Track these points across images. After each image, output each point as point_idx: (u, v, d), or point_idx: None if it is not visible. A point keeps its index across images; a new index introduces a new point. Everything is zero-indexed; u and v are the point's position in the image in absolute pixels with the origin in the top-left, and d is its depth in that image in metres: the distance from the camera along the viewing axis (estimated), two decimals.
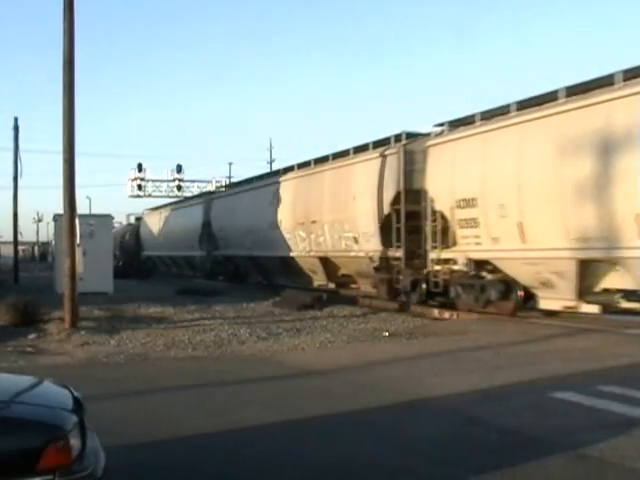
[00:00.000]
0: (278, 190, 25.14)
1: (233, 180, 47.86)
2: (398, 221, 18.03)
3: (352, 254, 20.45)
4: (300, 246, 23.44)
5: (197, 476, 5.33)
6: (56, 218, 22.01)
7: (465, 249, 15.95)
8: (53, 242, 34.43)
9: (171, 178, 50.97)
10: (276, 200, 25.01)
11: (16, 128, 32.05)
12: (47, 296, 18.27)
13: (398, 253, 18.15)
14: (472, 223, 15.52)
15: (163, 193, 51.27)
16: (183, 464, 5.51)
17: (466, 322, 14.99)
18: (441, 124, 17.55)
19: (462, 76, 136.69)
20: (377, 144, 19.99)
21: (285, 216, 24.38)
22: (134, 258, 44.87)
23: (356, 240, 20.00)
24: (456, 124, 16.96)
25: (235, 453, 5.82)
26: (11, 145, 31.81)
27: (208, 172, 59.52)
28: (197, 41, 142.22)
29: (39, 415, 3.65)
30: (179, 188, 50.89)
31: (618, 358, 9.81)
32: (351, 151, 21.39)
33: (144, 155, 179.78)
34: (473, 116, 16.23)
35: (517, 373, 8.94)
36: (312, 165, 23.73)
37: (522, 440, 6.04)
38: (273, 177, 27.40)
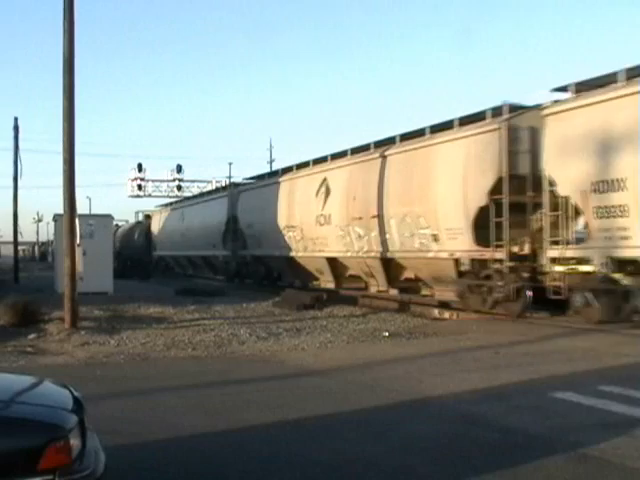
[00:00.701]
0: (326, 180, 21.61)
1: (233, 180, 47.31)
2: (498, 214, 14.71)
3: (430, 255, 17.02)
4: (355, 245, 20.06)
5: (197, 476, 5.33)
6: (56, 218, 22.01)
7: (604, 245, 12.74)
8: (52, 242, 34.57)
9: (171, 178, 51.05)
10: (324, 191, 21.54)
11: (16, 128, 32.09)
12: (47, 296, 18.26)
13: (499, 254, 14.84)
14: (617, 211, 12.31)
15: (163, 193, 51.37)
16: (183, 464, 5.50)
17: (466, 322, 14.99)
18: (562, 88, 14.23)
19: (462, 77, 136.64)
20: (466, 120, 16.59)
21: (335, 210, 20.90)
22: (144, 258, 42.08)
23: (436, 238, 16.69)
24: (588, 86, 13.59)
25: (235, 453, 5.81)
26: (11, 145, 31.89)
27: (208, 172, 59.59)
28: (197, 41, 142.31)
29: (39, 415, 3.64)
30: (179, 188, 50.95)
31: (618, 358, 9.82)
32: (427, 130, 17.76)
33: (144, 155, 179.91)
34: (615, 74, 12.92)
35: (517, 373, 8.94)
36: (371, 149, 20.03)
37: (522, 440, 6.03)
38: (318, 164, 23.17)
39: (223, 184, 48.49)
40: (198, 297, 20.63)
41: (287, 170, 25.82)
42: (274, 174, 27.47)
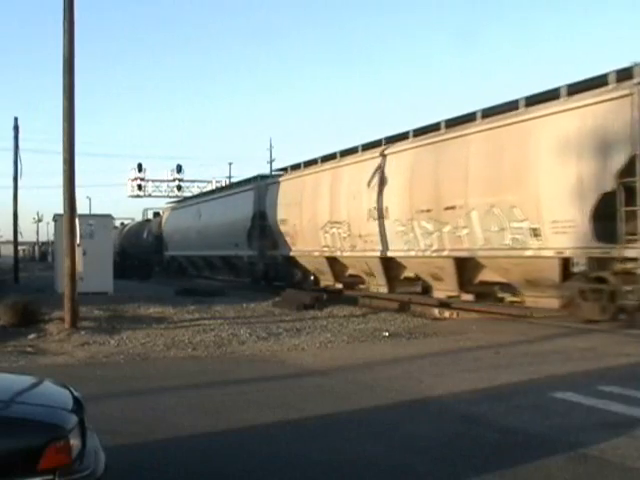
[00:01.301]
0: (382, 167, 18.37)
1: (234, 180, 46.70)
2: (629, 202, 12.01)
3: (527, 253, 14.15)
4: (421, 242, 16.95)
5: (197, 476, 5.33)
6: (56, 218, 22.00)
7: None
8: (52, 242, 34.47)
9: (171, 178, 51.12)
10: (378, 181, 18.37)
11: (16, 128, 32.10)
12: (47, 296, 18.27)
13: (632, 251, 12.02)
14: None
15: (163, 193, 51.46)
16: (183, 464, 5.50)
17: (466, 322, 14.99)
18: None
19: (461, 77, 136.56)
20: (577, 88, 13.43)
21: (394, 202, 17.76)
22: (154, 258, 39.90)
23: (536, 233, 13.85)
24: None
25: (235, 453, 5.81)
26: (11, 145, 31.90)
27: (208, 172, 59.70)
28: (198, 41, 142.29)
29: (39, 415, 3.65)
30: (179, 188, 51.06)
31: (618, 358, 9.80)
32: (521, 103, 14.62)
33: (144, 155, 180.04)
34: None
35: (517, 373, 8.93)
36: (442, 129, 16.81)
37: (522, 440, 6.03)
38: (369, 150, 19.67)
39: (223, 184, 48.34)
40: (198, 297, 20.64)
41: (328, 158, 22.20)
42: (312, 163, 23.45)
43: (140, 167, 50.82)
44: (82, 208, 27.16)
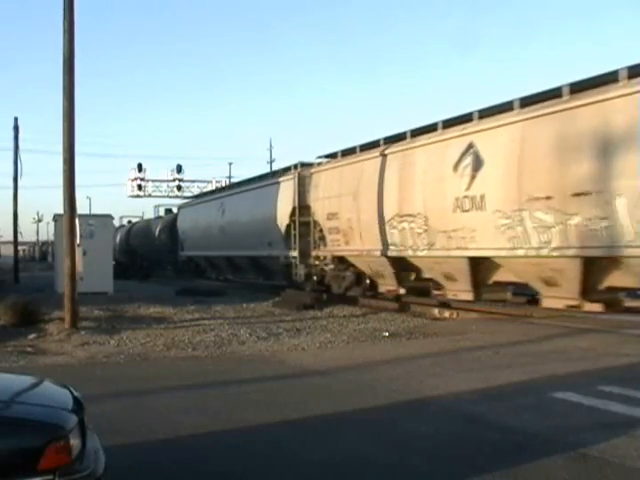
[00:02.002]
0: (473, 146, 14.83)
1: (234, 180, 46.03)
2: None
3: None
4: (534, 239, 13.45)
5: (197, 476, 5.33)
6: (56, 218, 22.03)
7: None
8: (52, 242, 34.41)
9: (171, 178, 51.09)
10: (470, 163, 14.87)
11: (16, 128, 32.13)
12: (47, 296, 18.29)
13: None
14: None
15: (163, 193, 51.41)
16: (183, 464, 5.50)
17: (466, 322, 14.98)
18: None
19: (460, 77, 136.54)
20: None
21: (494, 188, 14.31)
22: (167, 259, 37.19)
23: None
24: None
25: (235, 453, 5.82)
26: (11, 145, 31.93)
27: (208, 172, 59.71)
28: (198, 41, 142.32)
29: (39, 415, 3.65)
30: (179, 188, 51.03)
31: (618, 358, 9.80)
32: None
33: (144, 155, 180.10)
34: None
35: (517, 373, 8.93)
36: (564, 95, 12.95)
37: (522, 439, 6.03)
38: (452, 128, 15.97)
39: (224, 184, 48.17)
40: (198, 297, 20.65)
41: (392, 140, 18.27)
42: (371, 146, 19.19)
43: (140, 167, 50.79)
44: (82, 208, 26.99)
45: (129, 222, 49.69)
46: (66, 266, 14.14)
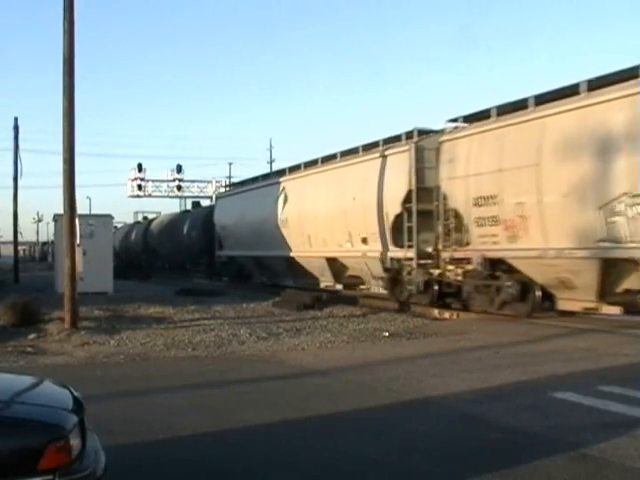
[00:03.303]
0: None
1: (234, 180, 45.41)
2: None
3: None
4: None
5: (197, 475, 5.33)
6: (56, 218, 22.01)
7: None
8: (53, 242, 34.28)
9: (171, 178, 51.10)
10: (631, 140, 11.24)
11: (16, 128, 32.08)
12: (47, 296, 18.28)
13: None
14: None
15: (163, 193, 51.41)
16: (183, 464, 5.50)
17: (466, 322, 14.97)
18: None
19: (460, 78, 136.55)
20: None
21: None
22: (200, 260, 32.31)
23: None
24: None
25: (235, 453, 5.81)
26: (11, 145, 31.89)
27: (208, 172, 59.70)
28: (198, 41, 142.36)
29: (39, 415, 3.65)
30: (179, 188, 51.06)
31: (618, 358, 9.81)
32: None
33: (144, 155, 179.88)
34: None
35: (517, 373, 8.94)
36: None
37: (522, 440, 6.03)
38: (596, 93, 12.18)
39: (224, 184, 48.02)
40: (198, 297, 20.63)
41: (513, 105, 14.37)
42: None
43: (140, 167, 50.78)
44: (82, 208, 26.88)
45: (144, 218, 46.77)
46: (66, 266, 14.12)
